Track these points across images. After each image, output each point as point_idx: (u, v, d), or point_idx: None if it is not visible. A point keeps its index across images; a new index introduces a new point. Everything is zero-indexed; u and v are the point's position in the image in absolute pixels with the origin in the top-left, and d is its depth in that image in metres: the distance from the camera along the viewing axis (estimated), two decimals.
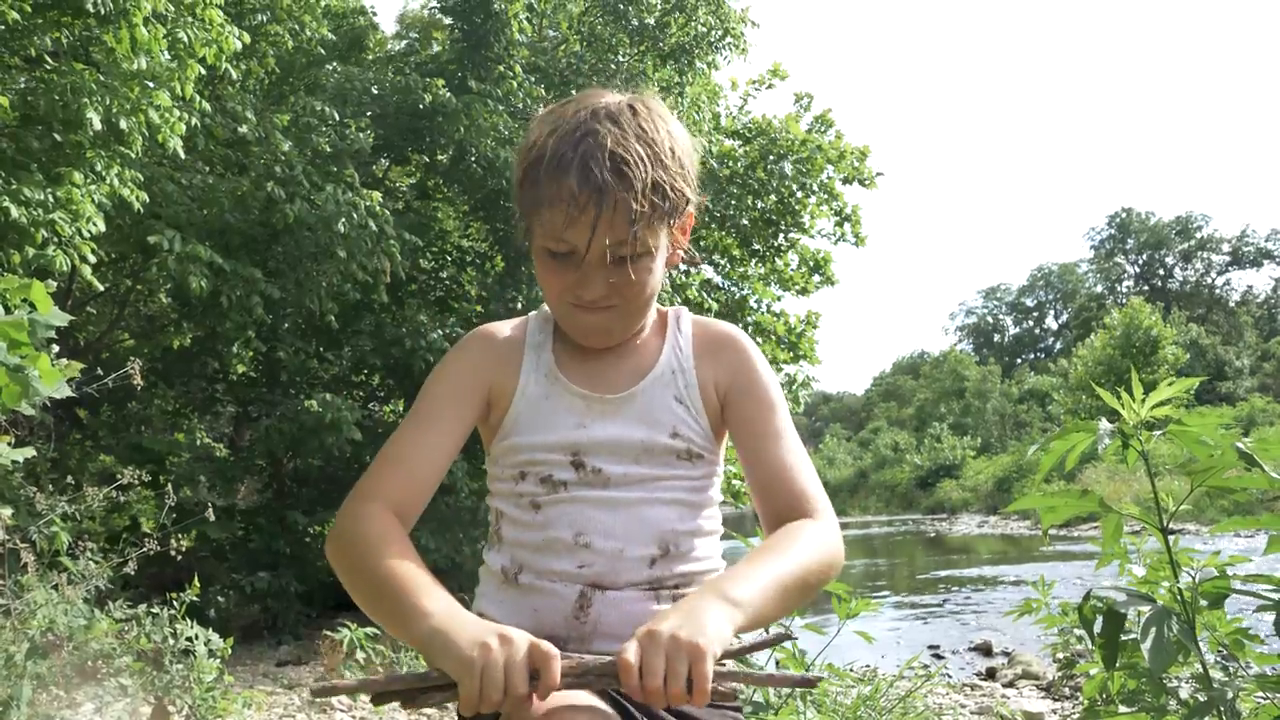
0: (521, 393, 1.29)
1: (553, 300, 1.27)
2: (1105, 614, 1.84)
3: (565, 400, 1.28)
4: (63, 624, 2.66)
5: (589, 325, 1.26)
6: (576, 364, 1.32)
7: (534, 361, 1.31)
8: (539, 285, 1.36)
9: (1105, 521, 2.28)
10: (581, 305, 1.23)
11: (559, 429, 1.26)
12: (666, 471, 1.27)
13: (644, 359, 1.33)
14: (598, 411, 1.27)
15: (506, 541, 1.28)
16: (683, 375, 1.32)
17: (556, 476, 1.25)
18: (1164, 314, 37.47)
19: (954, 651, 7.44)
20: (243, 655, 7.85)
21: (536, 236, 1.22)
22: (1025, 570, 12.76)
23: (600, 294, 1.21)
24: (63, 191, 5.20)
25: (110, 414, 10.62)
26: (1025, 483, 27.17)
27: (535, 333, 1.35)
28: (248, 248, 8.33)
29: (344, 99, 10.03)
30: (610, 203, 1.13)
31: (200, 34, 5.80)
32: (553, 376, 1.30)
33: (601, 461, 1.25)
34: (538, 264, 1.24)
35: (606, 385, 1.30)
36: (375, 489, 1.20)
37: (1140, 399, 2.14)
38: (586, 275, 1.20)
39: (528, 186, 1.20)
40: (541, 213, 1.18)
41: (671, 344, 1.35)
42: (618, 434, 1.26)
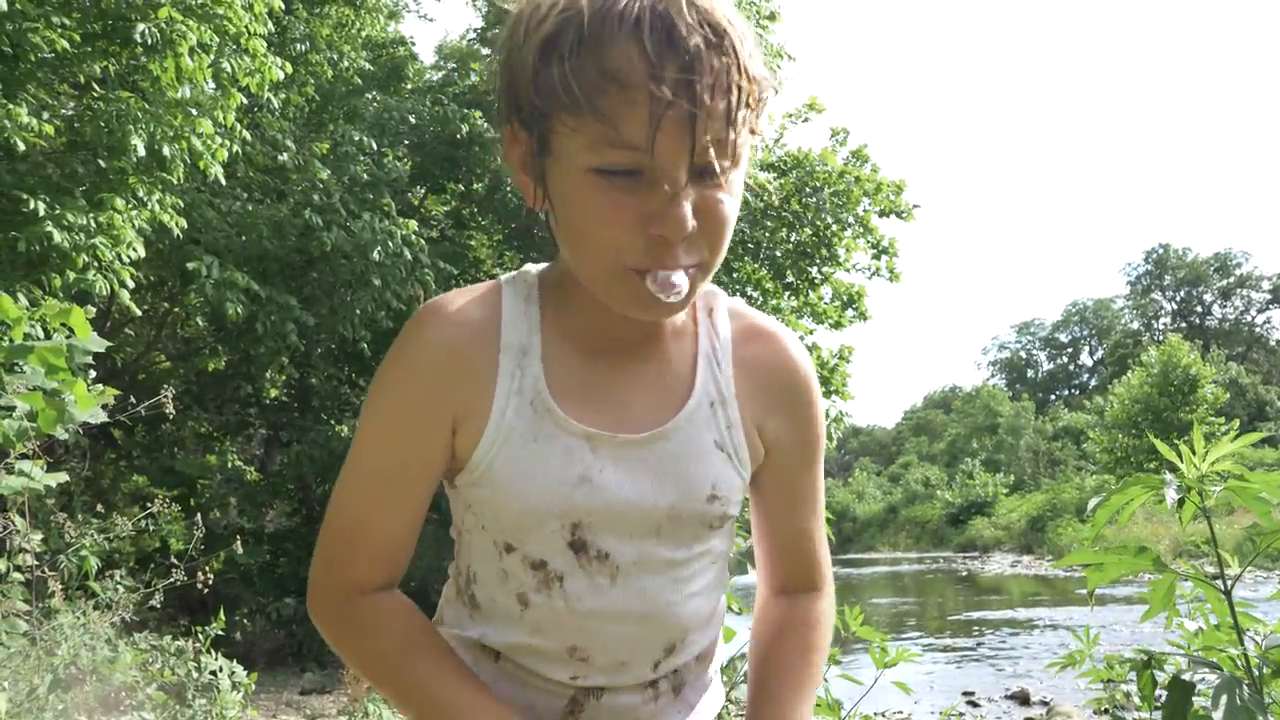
0: (497, 425, 0.89)
1: (597, 253, 0.82)
2: (1172, 683, 1.74)
3: (561, 442, 0.89)
4: (86, 658, 2.63)
5: (651, 295, 0.82)
6: (574, 375, 0.91)
7: (513, 374, 0.90)
8: (562, 239, 0.86)
9: (1156, 585, 2.17)
10: (650, 260, 0.80)
11: (551, 486, 0.88)
12: (692, 551, 0.94)
13: (673, 374, 0.93)
14: (607, 458, 0.89)
15: (483, 612, 0.96)
16: (724, 409, 0.94)
17: (551, 565, 0.90)
18: (1202, 352, 36.84)
19: (990, 699, 7.23)
20: (267, 683, 7.81)
21: (571, 150, 0.79)
22: (1060, 614, 12.48)
23: (689, 229, 0.79)
24: (104, 217, 5.26)
25: (145, 435, 10.73)
26: (1059, 522, 26.68)
27: (514, 323, 0.91)
28: (284, 274, 8.40)
29: (382, 128, 10.15)
30: (709, 81, 0.75)
31: (243, 64, 5.87)
32: (542, 406, 0.89)
33: (609, 541, 0.90)
34: (574, 197, 0.81)
35: (621, 415, 0.91)
36: (354, 577, 0.92)
37: (1202, 452, 2.05)
38: (671, 200, 0.78)
39: (554, 66, 0.76)
40: (592, 104, 0.75)
41: (708, 356, 0.95)
42: (634, 496, 0.89)
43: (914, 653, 3.35)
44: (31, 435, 3.05)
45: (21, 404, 2.91)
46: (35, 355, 2.98)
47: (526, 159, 0.84)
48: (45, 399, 3.01)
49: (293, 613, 8.71)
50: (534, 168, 0.84)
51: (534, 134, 0.82)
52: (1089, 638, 4.16)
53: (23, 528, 3.39)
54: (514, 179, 0.89)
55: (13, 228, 4.95)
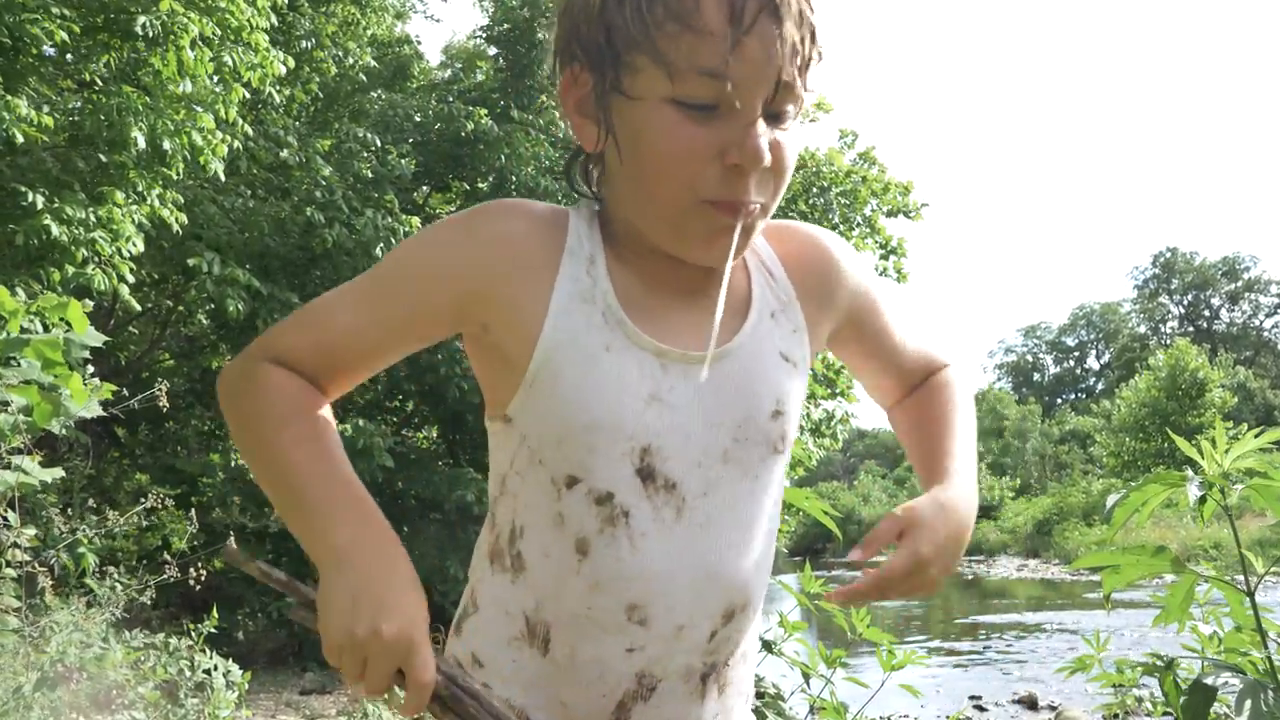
0: (557, 325, 0.83)
1: (670, 186, 0.80)
2: (1193, 687, 1.67)
3: (633, 356, 0.84)
4: (74, 655, 2.58)
5: (724, 226, 0.81)
6: (637, 296, 0.87)
7: (578, 278, 0.85)
8: (629, 177, 0.84)
9: (1175, 587, 2.10)
10: (724, 190, 0.80)
11: (625, 406, 0.82)
12: (757, 481, 0.89)
13: (730, 292, 0.88)
14: (678, 376, 0.85)
15: (531, 573, 0.87)
16: (786, 315, 0.93)
17: (617, 498, 0.83)
18: (1210, 356, 36.68)
19: (997, 704, 7.15)
20: (267, 682, 7.76)
21: (646, 84, 0.79)
22: (1067, 617, 12.38)
23: (765, 161, 0.79)
24: (104, 211, 5.22)
25: (148, 433, 10.70)
26: (1066, 526, 26.54)
27: (581, 233, 0.88)
28: (286, 271, 8.36)
29: (386, 125, 10.11)
30: (789, 18, 0.77)
31: (245, 58, 5.83)
32: (614, 317, 0.84)
33: (677, 468, 0.84)
34: (648, 130, 0.79)
35: (686, 333, 0.87)
36: (285, 350, 0.89)
37: (1224, 449, 1.98)
38: (749, 127, 0.78)
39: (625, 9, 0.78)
40: (670, 34, 0.76)
41: (758, 268, 0.94)
42: (703, 416, 0.85)
43: (921, 656, 3.27)
44: (23, 429, 3.00)
45: (17, 398, 2.86)
46: (31, 349, 2.93)
47: (586, 101, 0.84)
48: (41, 393, 2.96)
49: None
50: (596, 108, 0.83)
51: (600, 73, 0.82)
52: (1099, 641, 4.08)
53: (15, 522, 3.34)
54: (570, 124, 0.88)
55: (11, 221, 4.91)
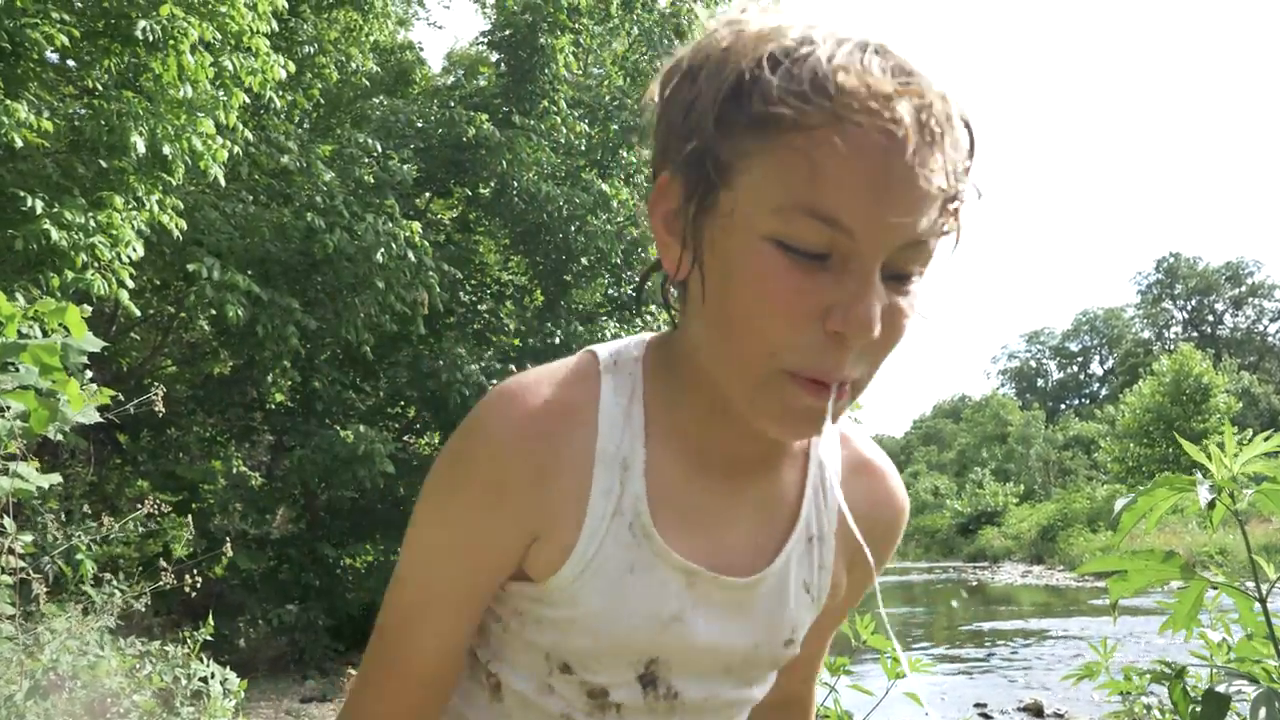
0: (587, 549, 0.76)
1: (752, 346, 0.67)
2: (1206, 696, 1.63)
3: (658, 576, 0.77)
4: (66, 663, 2.55)
5: (804, 408, 0.68)
6: (678, 493, 0.78)
7: (610, 490, 0.76)
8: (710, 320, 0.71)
9: (1184, 594, 2.05)
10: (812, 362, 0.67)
11: (639, 625, 0.77)
12: (750, 692, 0.86)
13: (778, 500, 0.82)
14: (702, 598, 0.79)
15: (508, 710, 0.85)
16: (820, 547, 0.84)
17: (614, 695, 0.80)
18: (1214, 361, 36.61)
19: (1003, 711, 7.10)
20: (267, 689, 7.73)
21: (750, 210, 0.65)
22: (1072, 624, 12.32)
23: (874, 333, 0.65)
24: (103, 216, 5.20)
25: (150, 440, 10.69)
26: (1070, 532, 26.46)
27: (613, 428, 0.77)
28: (287, 277, 8.35)
29: (388, 131, 10.10)
30: (943, 170, 0.63)
31: (246, 63, 5.82)
32: (643, 531, 0.77)
33: (682, 681, 0.81)
34: (742, 268, 0.66)
35: (721, 547, 0.80)
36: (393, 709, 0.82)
37: (1233, 453, 1.95)
38: (863, 289, 0.64)
39: (754, 103, 0.64)
40: (786, 157, 0.63)
41: (815, 485, 0.84)
42: (721, 638, 0.80)
43: (927, 663, 3.23)
44: (18, 434, 2.97)
45: (14, 403, 2.84)
46: (28, 354, 2.90)
47: (675, 218, 0.70)
48: (38, 399, 2.93)
49: (294, 620, 8.63)
50: (686, 226, 0.69)
51: (695, 186, 0.68)
52: (1106, 648, 4.03)
53: (10, 529, 3.31)
54: (656, 239, 0.74)
55: (11, 226, 4.89)
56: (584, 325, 10.18)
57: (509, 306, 11.46)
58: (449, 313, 10.55)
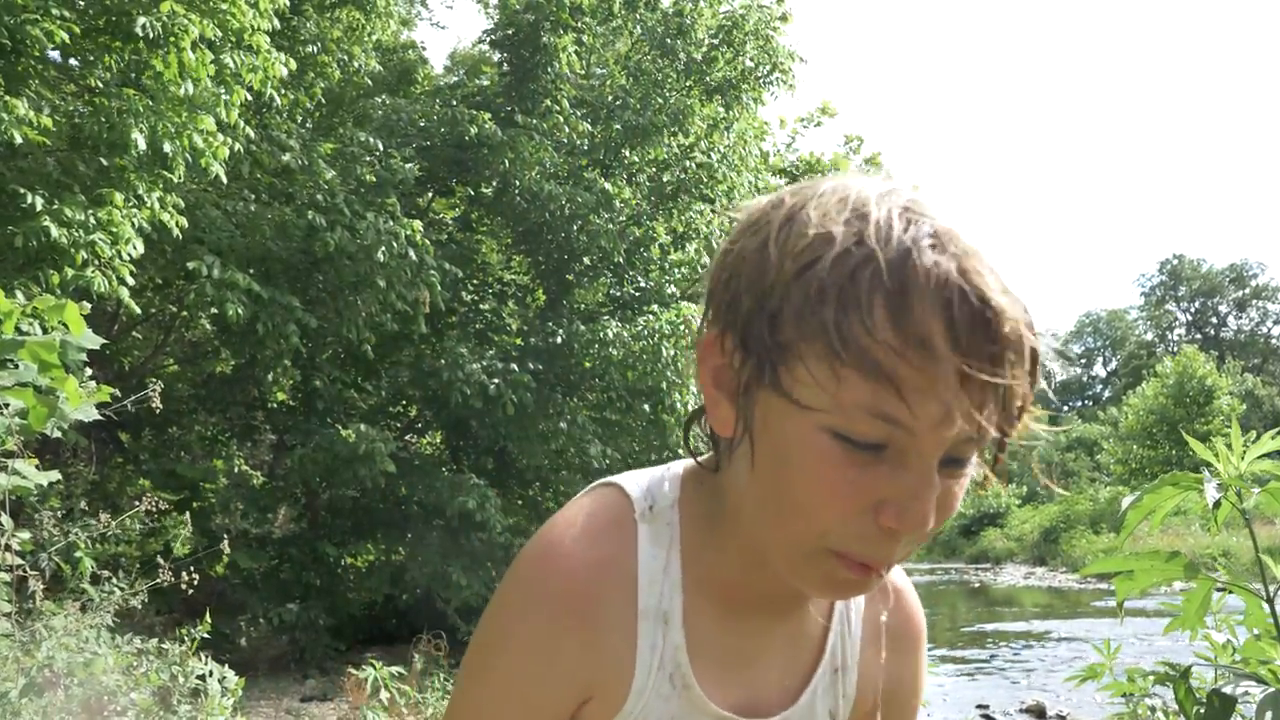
0: (635, 703, 0.78)
1: (800, 529, 0.68)
2: (1210, 696, 1.61)
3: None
4: (61, 660, 2.53)
5: (848, 581, 0.69)
6: (714, 639, 0.81)
7: (655, 644, 0.78)
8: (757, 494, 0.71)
9: (1191, 595, 2.03)
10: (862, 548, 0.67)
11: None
12: None
13: (806, 634, 0.85)
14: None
15: None
16: (844, 677, 0.87)
17: None
18: (1218, 363, 36.54)
19: (1005, 713, 7.07)
20: (268, 689, 7.72)
21: (809, 399, 0.64)
22: (1075, 626, 12.28)
23: (929, 527, 0.67)
24: (103, 213, 5.18)
25: (151, 439, 10.68)
26: (1073, 533, 26.40)
27: (653, 582, 0.78)
28: (288, 275, 8.33)
29: (390, 130, 10.08)
30: (1014, 371, 0.64)
31: (247, 60, 5.80)
32: (682, 682, 0.79)
33: None
34: (797, 457, 0.66)
35: (754, 688, 0.83)
36: None
37: (1240, 451, 1.92)
38: (920, 487, 0.65)
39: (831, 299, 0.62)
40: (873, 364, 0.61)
41: (841, 617, 0.87)
42: None
43: (929, 664, 3.22)
44: (15, 431, 2.95)
45: (12, 401, 2.82)
46: (26, 350, 2.88)
47: (727, 377, 0.69)
48: (36, 396, 2.91)
49: (295, 619, 8.62)
50: (736, 388, 0.68)
51: (754, 356, 0.66)
52: (1109, 650, 4.01)
53: (8, 525, 3.30)
54: (702, 389, 0.73)
55: (10, 223, 4.88)
56: (586, 325, 10.15)
57: (511, 306, 11.44)
58: (451, 312, 10.53)
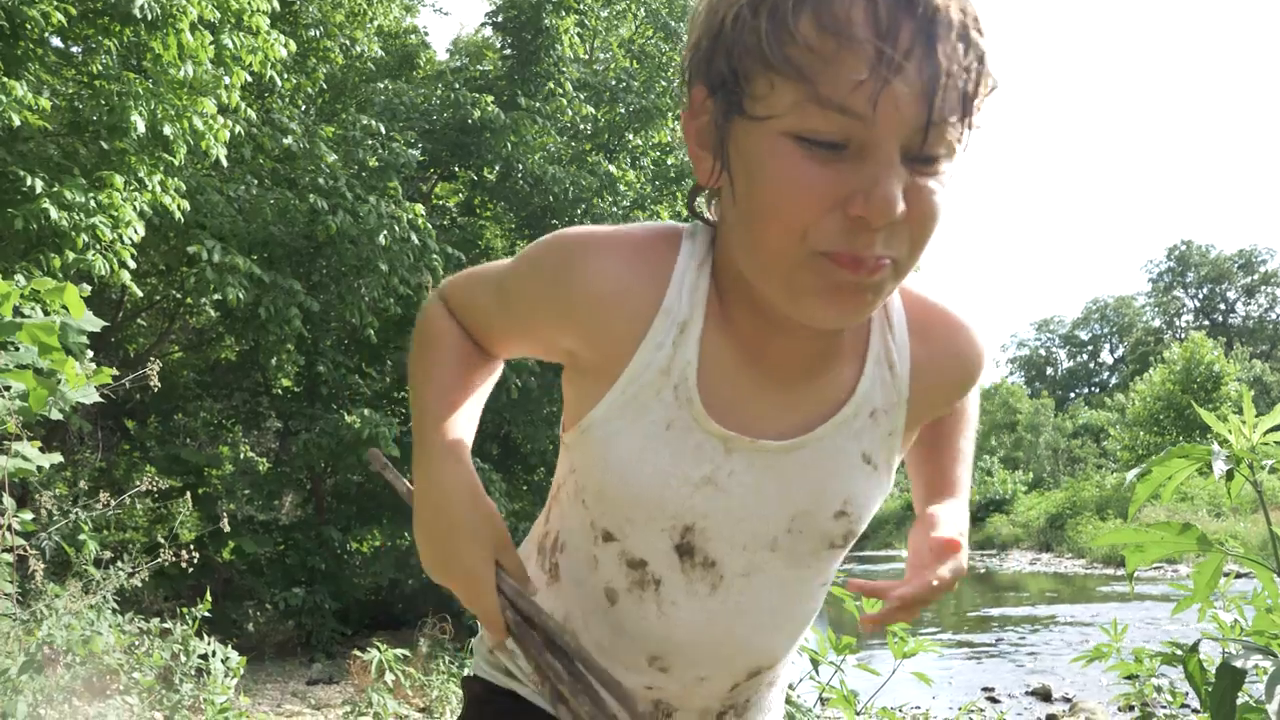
0: (625, 389, 0.79)
1: (780, 235, 0.68)
2: (1220, 669, 1.58)
3: (694, 438, 0.79)
4: (61, 638, 2.52)
5: (844, 282, 0.69)
6: (727, 373, 0.80)
7: (661, 345, 0.78)
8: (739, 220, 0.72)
9: (1202, 565, 2.00)
10: (843, 243, 0.67)
11: (672, 481, 0.79)
12: (803, 569, 0.85)
13: (834, 375, 0.82)
14: (740, 461, 0.79)
15: (563, 588, 0.89)
16: (887, 418, 0.83)
17: (650, 566, 0.82)
18: (1226, 349, 36.40)
19: (1010, 695, 7.06)
20: (274, 672, 7.74)
21: (767, 112, 0.66)
22: (1081, 610, 12.27)
23: (896, 213, 0.66)
24: (104, 196, 5.16)
25: (158, 426, 10.70)
26: (1079, 520, 26.37)
27: (681, 289, 0.78)
28: (290, 260, 8.32)
29: (392, 113, 10.04)
30: (947, 49, 0.64)
31: (246, 41, 5.77)
32: (686, 396, 0.78)
33: (720, 548, 0.81)
34: (762, 166, 0.68)
35: (765, 418, 0.80)
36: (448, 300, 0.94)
37: (1252, 423, 1.89)
38: (881, 172, 0.65)
39: (762, 16, 0.65)
40: (801, 59, 0.64)
41: (879, 357, 0.83)
42: (757, 504, 0.80)
43: (933, 643, 3.20)
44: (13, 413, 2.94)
45: (13, 383, 2.80)
46: (25, 332, 2.86)
47: (706, 129, 0.74)
48: (36, 378, 2.90)
49: (301, 603, 8.64)
50: (714, 137, 0.73)
51: (721, 95, 0.71)
52: (1117, 630, 3.99)
53: (11, 506, 3.29)
54: (690, 154, 0.77)
55: (10, 206, 4.86)
56: None
57: None
58: None
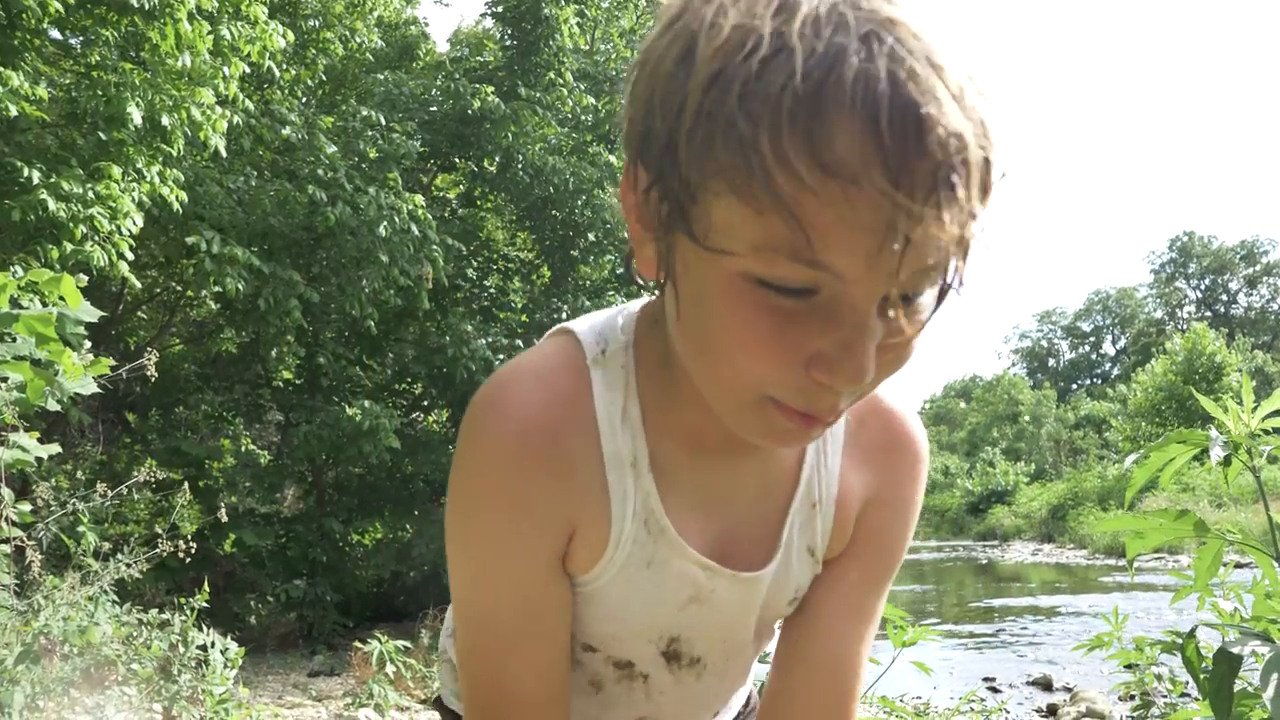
0: (614, 549, 0.75)
1: (730, 379, 0.60)
2: (1217, 655, 1.57)
3: (675, 568, 0.77)
4: (58, 629, 2.52)
5: (791, 431, 0.62)
6: (684, 482, 0.76)
7: (627, 492, 0.74)
8: (685, 339, 0.63)
9: (1202, 552, 1.99)
10: (802, 401, 0.59)
11: (660, 615, 0.79)
12: (759, 641, 0.90)
13: (777, 468, 0.80)
14: (722, 586, 0.79)
15: None
16: (822, 509, 0.81)
17: (639, 668, 0.84)
18: (1228, 340, 36.37)
19: (1011, 685, 7.06)
20: (276, 664, 7.76)
21: (725, 242, 0.54)
22: (1082, 601, 12.27)
23: (867, 380, 0.57)
24: (102, 187, 5.15)
25: (159, 419, 10.71)
26: (1081, 510, 26.39)
27: (614, 430, 0.73)
28: (290, 251, 8.31)
29: (392, 104, 10.02)
30: (967, 190, 0.51)
31: (244, 31, 5.75)
32: (658, 526, 0.75)
33: (703, 649, 0.84)
34: (715, 303, 0.57)
35: (733, 536, 0.79)
36: None
37: (1250, 407, 1.88)
38: (854, 337, 0.56)
39: (738, 122, 0.50)
40: (787, 199, 0.50)
41: (816, 448, 0.81)
42: (740, 614, 0.82)
43: (933, 631, 3.20)
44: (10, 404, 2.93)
45: (10, 374, 2.79)
46: (22, 323, 2.85)
47: (647, 215, 0.59)
48: (34, 369, 2.89)
49: (302, 595, 8.66)
50: (658, 230, 0.59)
51: (666, 192, 0.56)
52: (1117, 619, 3.98)
53: (9, 497, 3.29)
54: (629, 231, 0.64)
55: (8, 197, 4.85)
56: (591, 300, 10.13)
57: (516, 282, 11.41)
58: (455, 288, 10.51)
